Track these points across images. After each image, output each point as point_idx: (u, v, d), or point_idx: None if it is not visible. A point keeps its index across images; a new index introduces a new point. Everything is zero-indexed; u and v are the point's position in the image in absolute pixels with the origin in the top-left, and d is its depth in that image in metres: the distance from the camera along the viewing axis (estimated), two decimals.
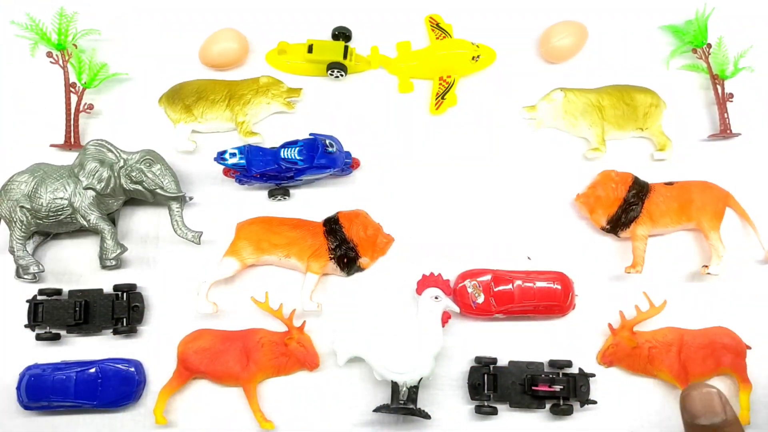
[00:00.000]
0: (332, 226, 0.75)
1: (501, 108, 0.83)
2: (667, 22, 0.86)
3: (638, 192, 0.75)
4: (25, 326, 0.74)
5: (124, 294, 0.75)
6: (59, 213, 0.74)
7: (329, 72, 0.83)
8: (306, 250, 0.74)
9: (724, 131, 0.80)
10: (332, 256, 0.74)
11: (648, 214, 0.75)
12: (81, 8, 0.84)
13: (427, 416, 0.68)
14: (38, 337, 0.74)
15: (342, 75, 0.84)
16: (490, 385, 0.70)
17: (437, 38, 0.85)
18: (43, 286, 0.76)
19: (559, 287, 0.72)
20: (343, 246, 0.74)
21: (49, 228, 0.76)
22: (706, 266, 0.73)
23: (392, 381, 0.68)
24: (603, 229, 0.76)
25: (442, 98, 0.82)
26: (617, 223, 0.75)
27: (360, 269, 0.76)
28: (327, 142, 0.75)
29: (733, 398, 0.69)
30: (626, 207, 0.74)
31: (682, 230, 0.77)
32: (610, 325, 0.72)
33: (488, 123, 0.82)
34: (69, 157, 0.79)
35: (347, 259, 0.74)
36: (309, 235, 0.75)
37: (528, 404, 0.70)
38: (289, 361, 0.72)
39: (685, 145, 0.81)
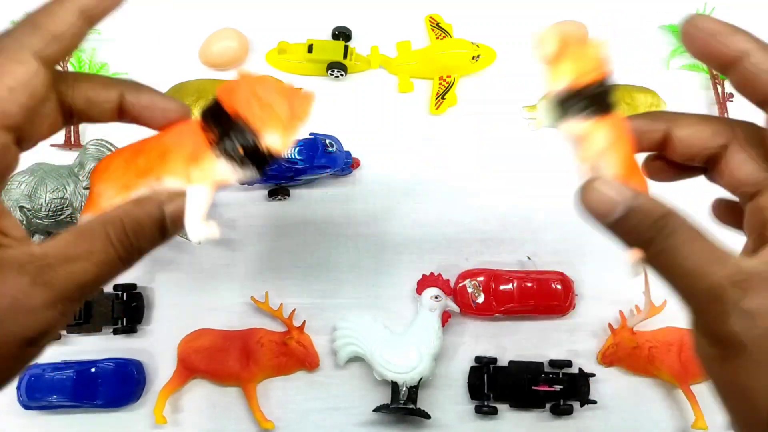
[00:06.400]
0: (209, 108, 0.46)
1: (501, 108, 0.83)
2: (667, 22, 0.86)
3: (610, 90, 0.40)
4: None
5: (124, 293, 0.75)
6: (59, 213, 0.74)
7: (329, 72, 0.83)
8: (181, 158, 0.44)
9: None
10: (219, 150, 0.44)
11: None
12: None
13: (427, 416, 0.68)
14: None
15: (342, 75, 0.84)
16: (490, 385, 0.70)
17: (437, 38, 0.85)
18: None
19: (559, 287, 0.72)
20: (230, 129, 0.44)
21: (48, 228, 0.76)
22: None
23: (392, 381, 0.68)
24: (557, 99, 0.40)
25: (442, 98, 0.82)
26: (591, 99, 0.39)
27: (272, 157, 0.43)
28: (327, 142, 0.75)
29: None
30: (603, 90, 0.40)
31: None
32: (610, 325, 0.72)
33: (488, 123, 0.82)
34: (69, 157, 0.79)
35: (244, 147, 0.43)
36: (182, 135, 0.46)
37: (528, 404, 0.70)
38: (289, 360, 0.72)
39: None
